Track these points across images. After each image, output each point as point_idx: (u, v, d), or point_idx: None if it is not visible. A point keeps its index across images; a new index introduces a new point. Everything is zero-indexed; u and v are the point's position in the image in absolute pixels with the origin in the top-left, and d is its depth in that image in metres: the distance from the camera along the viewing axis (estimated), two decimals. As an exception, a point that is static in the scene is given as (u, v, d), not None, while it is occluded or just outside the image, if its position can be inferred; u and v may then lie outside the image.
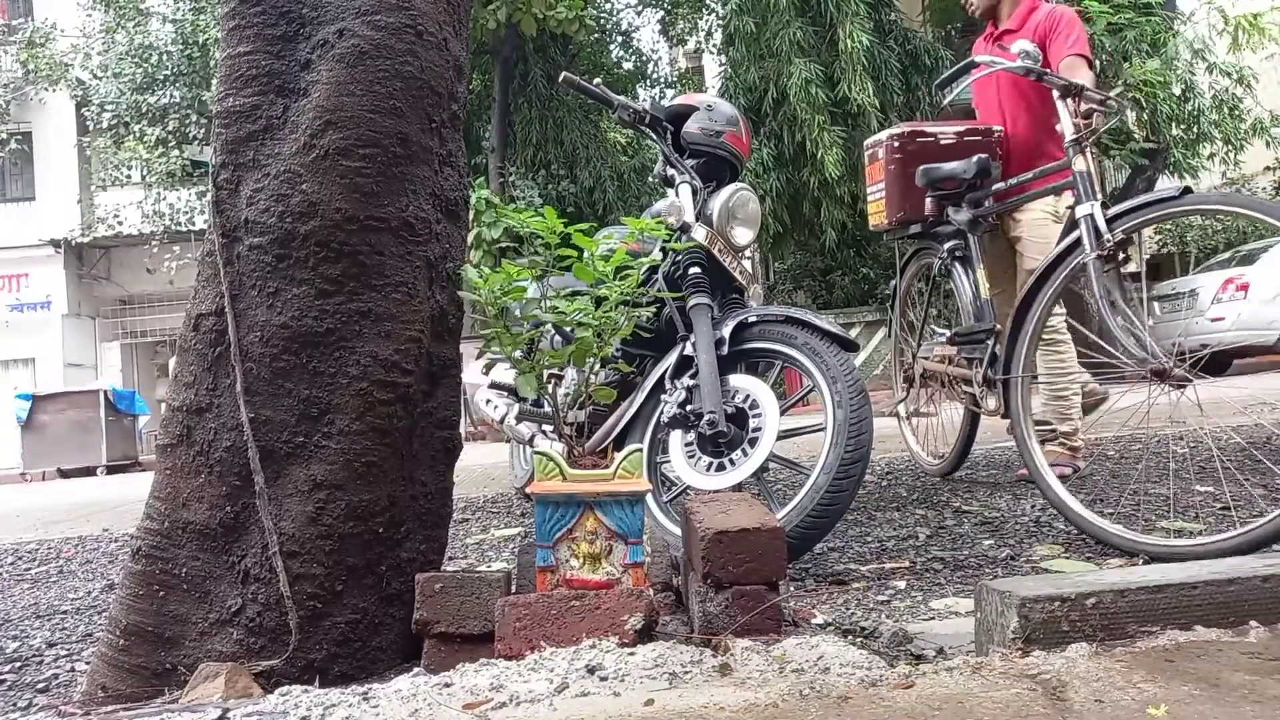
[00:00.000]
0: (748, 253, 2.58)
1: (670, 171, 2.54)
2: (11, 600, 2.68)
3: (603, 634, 1.34)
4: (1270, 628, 1.18)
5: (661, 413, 2.27)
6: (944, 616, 1.66)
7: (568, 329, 1.89)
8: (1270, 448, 3.11)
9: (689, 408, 2.19)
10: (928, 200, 3.04)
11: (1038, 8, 3.21)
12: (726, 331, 2.26)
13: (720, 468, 2.18)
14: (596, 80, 2.61)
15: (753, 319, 2.29)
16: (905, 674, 1.15)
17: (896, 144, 3.07)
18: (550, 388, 1.92)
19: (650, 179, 11.49)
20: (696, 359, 2.24)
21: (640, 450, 1.60)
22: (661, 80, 15.84)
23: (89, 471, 11.23)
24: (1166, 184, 12.35)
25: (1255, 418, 4.50)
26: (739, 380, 2.26)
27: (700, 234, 2.38)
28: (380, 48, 1.61)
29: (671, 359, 2.35)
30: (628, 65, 15.05)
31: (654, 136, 2.60)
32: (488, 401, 3.11)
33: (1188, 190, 2.09)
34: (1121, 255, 2.21)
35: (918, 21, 12.52)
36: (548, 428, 2.93)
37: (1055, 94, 2.46)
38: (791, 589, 1.96)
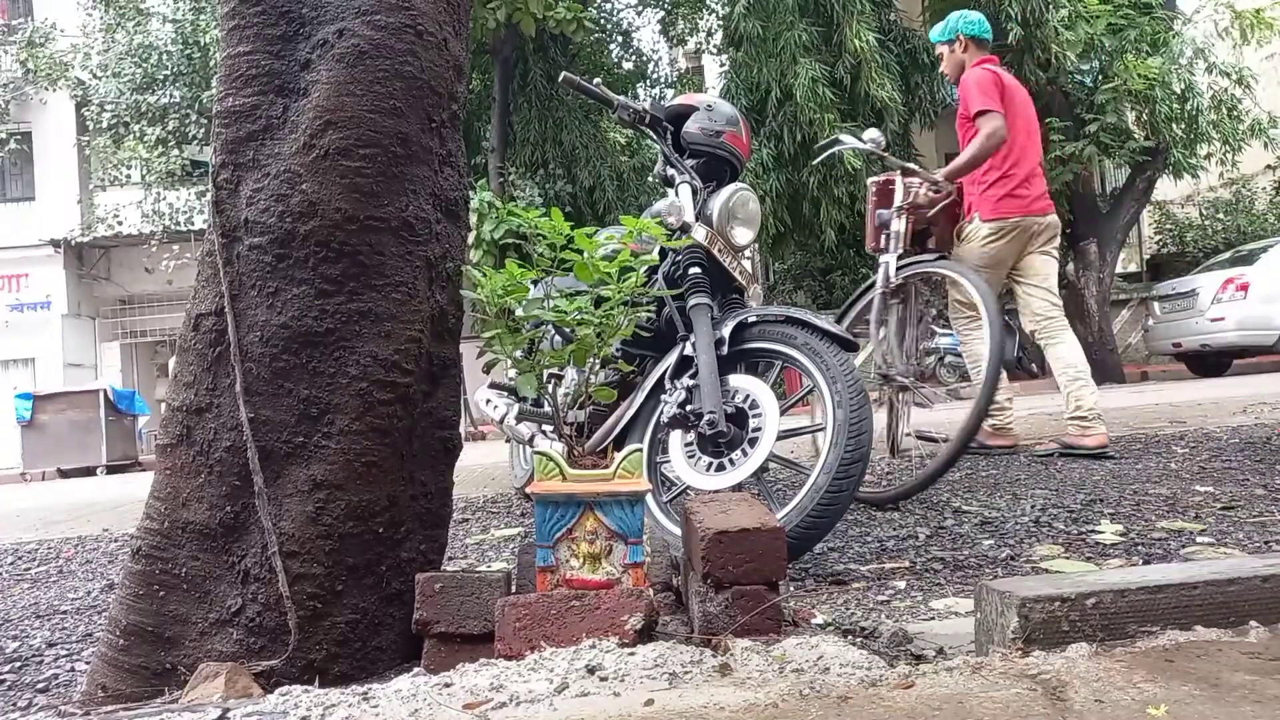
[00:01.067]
0: (748, 253, 2.58)
1: (670, 171, 2.54)
2: (11, 600, 2.68)
3: (603, 634, 1.34)
4: (1270, 628, 1.18)
5: (661, 413, 2.27)
6: (944, 616, 1.66)
7: (568, 329, 1.89)
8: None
9: (689, 408, 2.19)
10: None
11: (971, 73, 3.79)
12: (726, 331, 2.26)
13: (720, 468, 2.18)
14: (596, 80, 2.61)
15: (753, 319, 2.29)
16: (905, 674, 1.15)
17: (874, 189, 3.66)
18: (550, 388, 1.92)
19: (650, 179, 11.49)
20: (696, 359, 2.24)
21: (640, 450, 1.60)
22: (661, 80, 15.82)
23: (89, 471, 11.22)
24: (1166, 184, 12.37)
25: (1255, 417, 4.50)
26: (739, 380, 2.26)
27: (700, 234, 2.38)
28: (380, 48, 1.61)
29: (671, 359, 2.35)
30: (628, 65, 15.04)
31: (654, 136, 2.60)
32: (488, 401, 3.11)
33: (943, 257, 3.37)
34: (900, 294, 3.21)
35: (918, 21, 12.53)
36: (548, 428, 2.93)
37: (898, 172, 3.36)
38: (791, 589, 1.96)
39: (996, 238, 3.67)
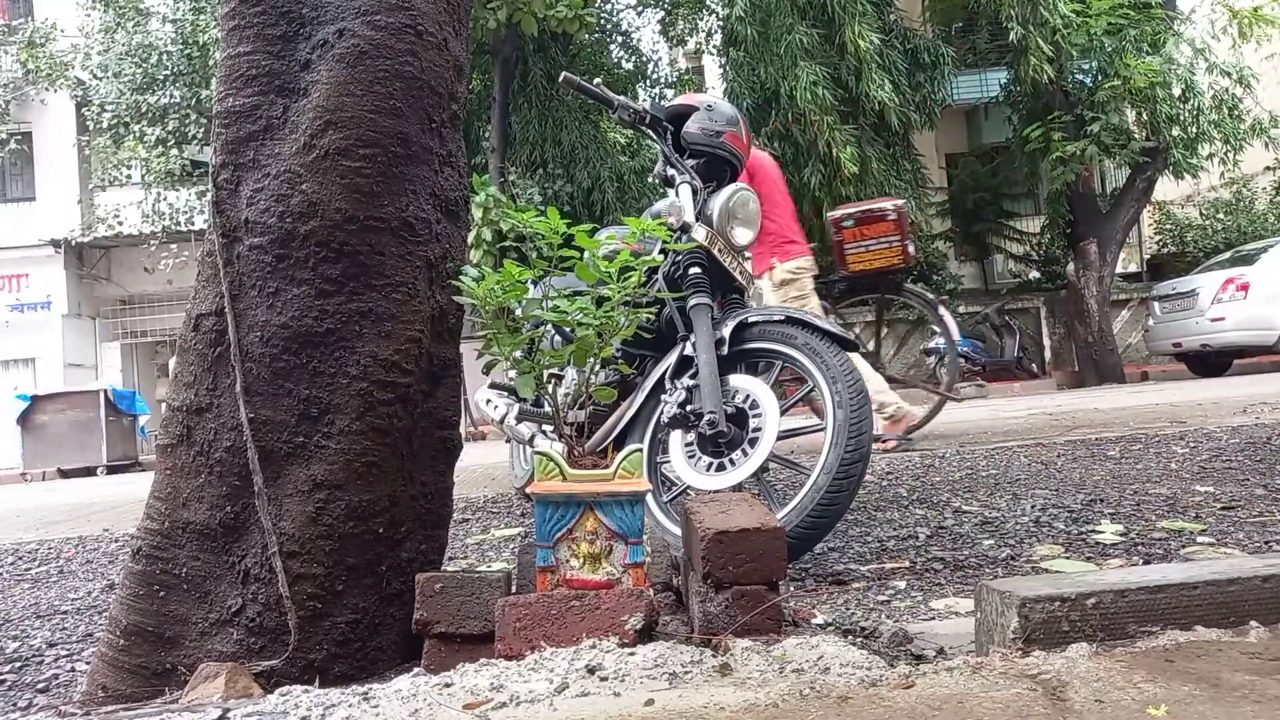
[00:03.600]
0: (748, 253, 2.58)
1: (670, 171, 2.54)
2: (12, 600, 2.68)
3: (603, 634, 1.34)
4: (1270, 628, 1.18)
5: (661, 413, 2.27)
6: (944, 616, 1.66)
7: (568, 329, 1.89)
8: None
9: (689, 408, 2.19)
10: None
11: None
12: (726, 331, 2.26)
13: (720, 468, 2.18)
14: (597, 80, 2.61)
15: (753, 319, 2.29)
16: (905, 674, 1.15)
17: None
18: (550, 388, 1.92)
19: (650, 179, 11.48)
20: (696, 359, 2.24)
21: (640, 450, 1.59)
22: (661, 81, 15.83)
23: (89, 471, 11.23)
24: (1166, 184, 12.37)
25: (1255, 417, 4.51)
26: (739, 380, 2.26)
27: (700, 234, 2.38)
28: (380, 48, 1.61)
29: (672, 359, 2.35)
30: (628, 65, 15.05)
31: (654, 136, 2.59)
32: (488, 401, 3.10)
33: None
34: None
35: (919, 21, 12.54)
36: (548, 428, 2.93)
37: None
38: (791, 589, 1.96)
39: (794, 275, 4.61)
